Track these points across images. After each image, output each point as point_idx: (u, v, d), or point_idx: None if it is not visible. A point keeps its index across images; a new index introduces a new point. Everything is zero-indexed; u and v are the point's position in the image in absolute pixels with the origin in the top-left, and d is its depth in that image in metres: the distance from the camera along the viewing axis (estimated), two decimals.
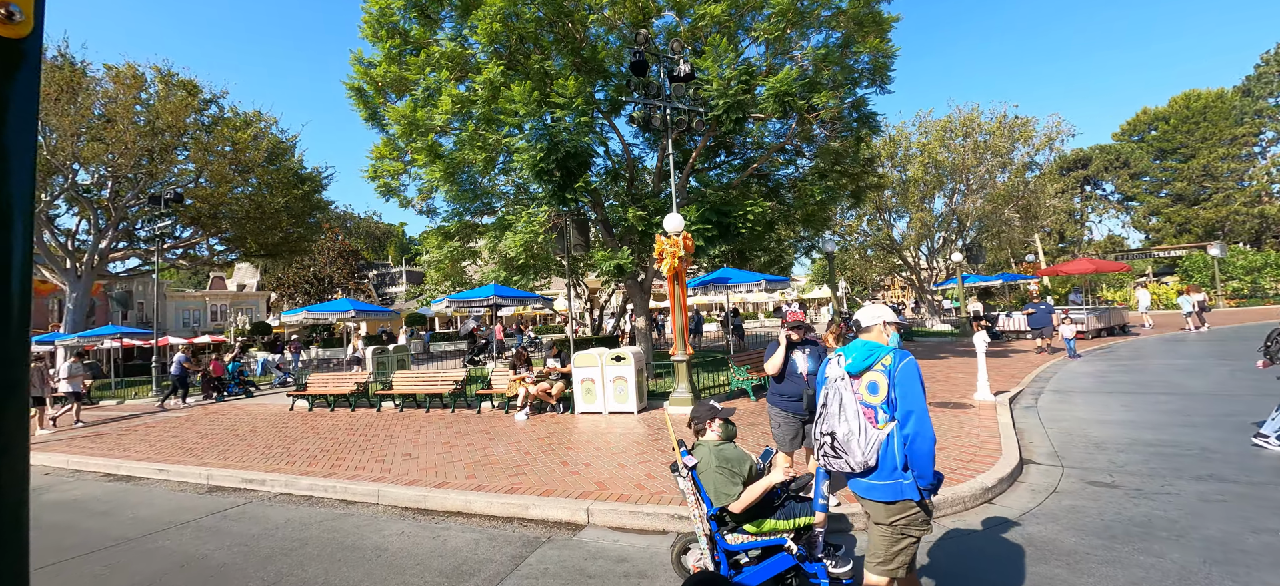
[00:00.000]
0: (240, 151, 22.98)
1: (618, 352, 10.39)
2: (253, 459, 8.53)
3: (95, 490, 7.82)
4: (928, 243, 27.01)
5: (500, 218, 13.41)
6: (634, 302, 14.17)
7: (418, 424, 10.60)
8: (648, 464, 6.82)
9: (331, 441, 9.45)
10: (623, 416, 10.01)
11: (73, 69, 21.03)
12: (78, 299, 22.66)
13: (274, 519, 6.03)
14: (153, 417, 14.00)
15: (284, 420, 12.16)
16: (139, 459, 9.10)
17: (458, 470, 7.07)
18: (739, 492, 3.37)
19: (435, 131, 11.73)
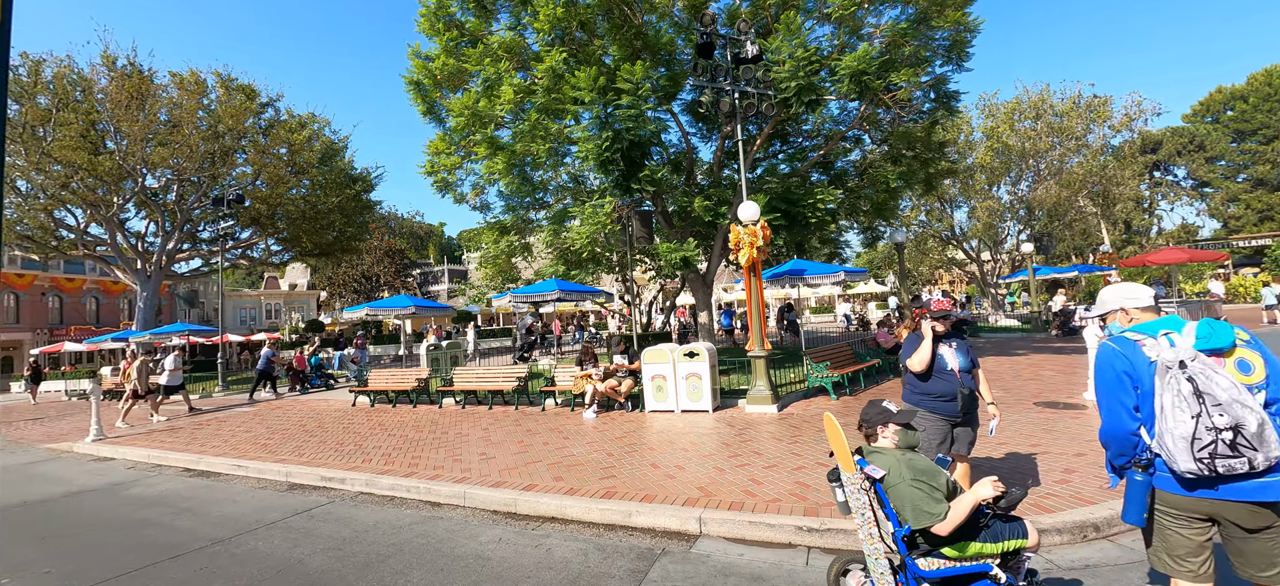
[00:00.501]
0: (295, 153, 23.44)
1: (691, 348, 9.90)
2: (327, 455, 8.39)
3: (178, 485, 7.78)
4: (992, 233, 25.52)
5: (559, 209, 13.08)
6: (695, 297, 13.65)
7: (483, 421, 10.35)
8: (747, 468, 6.30)
9: (402, 439, 9.26)
10: (697, 415, 9.52)
11: (141, 77, 21.78)
12: (148, 298, 23.53)
13: (361, 520, 5.76)
14: (223, 412, 14.24)
15: (349, 416, 12.13)
16: (216, 454, 9.10)
17: (541, 471, 6.70)
18: (945, 511, 2.82)
19: (496, 123, 11.45)
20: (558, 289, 10.90)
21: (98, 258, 24.36)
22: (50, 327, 35.08)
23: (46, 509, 7.00)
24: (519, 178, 12.09)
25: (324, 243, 25.79)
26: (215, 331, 22.97)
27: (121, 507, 6.82)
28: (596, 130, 10.54)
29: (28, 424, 15.88)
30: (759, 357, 9.62)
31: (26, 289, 34.62)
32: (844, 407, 9.39)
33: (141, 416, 14.25)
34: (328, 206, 24.17)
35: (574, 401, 10.89)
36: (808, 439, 7.42)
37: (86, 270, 37.33)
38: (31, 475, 9.19)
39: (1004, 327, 23.17)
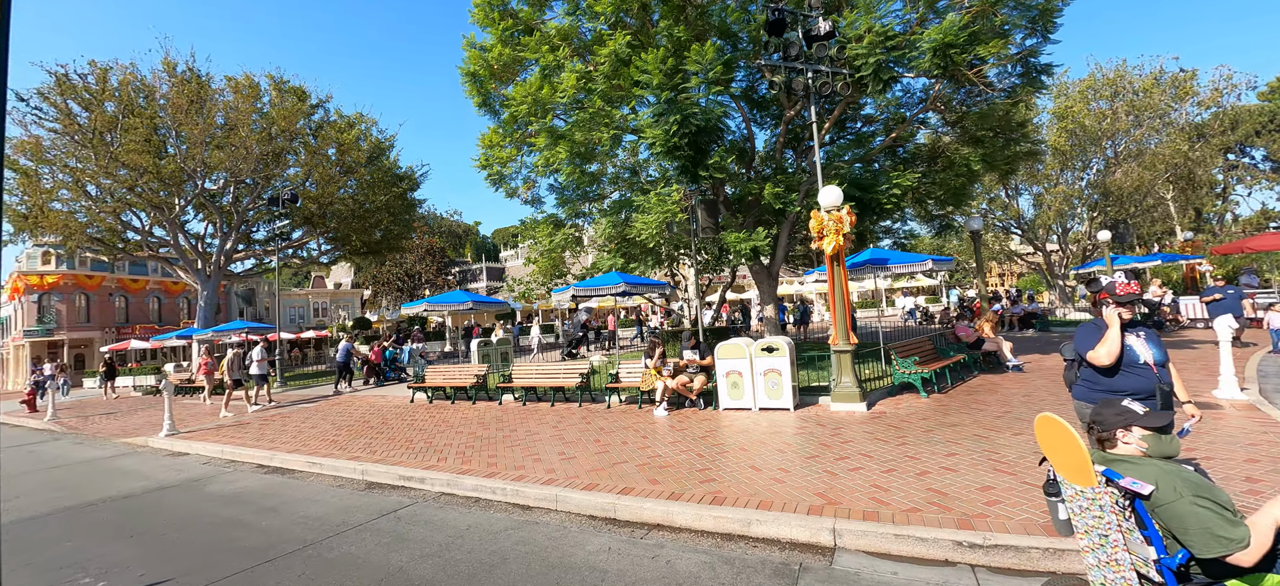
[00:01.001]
0: (344, 152, 23.73)
1: (769, 342, 9.34)
2: (399, 453, 8.16)
3: (254, 483, 7.66)
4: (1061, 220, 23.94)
5: (618, 200, 12.64)
6: (760, 289, 13.06)
7: (549, 419, 10.01)
8: (862, 472, 5.73)
9: (470, 436, 8.98)
10: (778, 413, 8.96)
11: (199, 82, 22.35)
12: (208, 297, 24.20)
13: (451, 523, 5.43)
14: (289, 408, 14.35)
15: (410, 412, 11.99)
16: (288, 450, 9.00)
17: (631, 473, 6.27)
18: (1246, 535, 2.23)
19: (557, 111, 11.10)
20: (623, 282, 10.49)
21: (161, 258, 25.22)
22: (117, 326, 36.72)
23: (131, 505, 6.94)
24: (578, 167, 11.69)
25: (371, 241, 26.11)
26: (271, 328, 23.48)
27: (204, 504, 6.69)
28: (663, 115, 10.06)
29: (102, 418, 16.39)
30: (844, 352, 8.99)
31: (96, 289, 36.32)
32: (938, 407, 8.68)
33: (212, 407, 14.49)
34: (376, 205, 24.42)
35: (642, 399, 10.47)
36: (916, 439, 6.79)
37: (149, 271, 38.96)
38: (111, 469, 9.28)
39: (1078, 321, 21.74)
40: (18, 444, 13.17)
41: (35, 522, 6.42)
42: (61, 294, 34.98)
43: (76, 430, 14.53)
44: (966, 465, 5.68)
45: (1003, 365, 11.94)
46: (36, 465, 10.21)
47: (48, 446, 12.38)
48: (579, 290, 10.77)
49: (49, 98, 20.60)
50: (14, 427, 16.80)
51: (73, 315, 35.39)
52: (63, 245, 22.84)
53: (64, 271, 34.73)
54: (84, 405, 20.88)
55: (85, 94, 20.67)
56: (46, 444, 12.80)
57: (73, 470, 9.47)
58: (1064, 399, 8.45)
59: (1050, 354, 13.54)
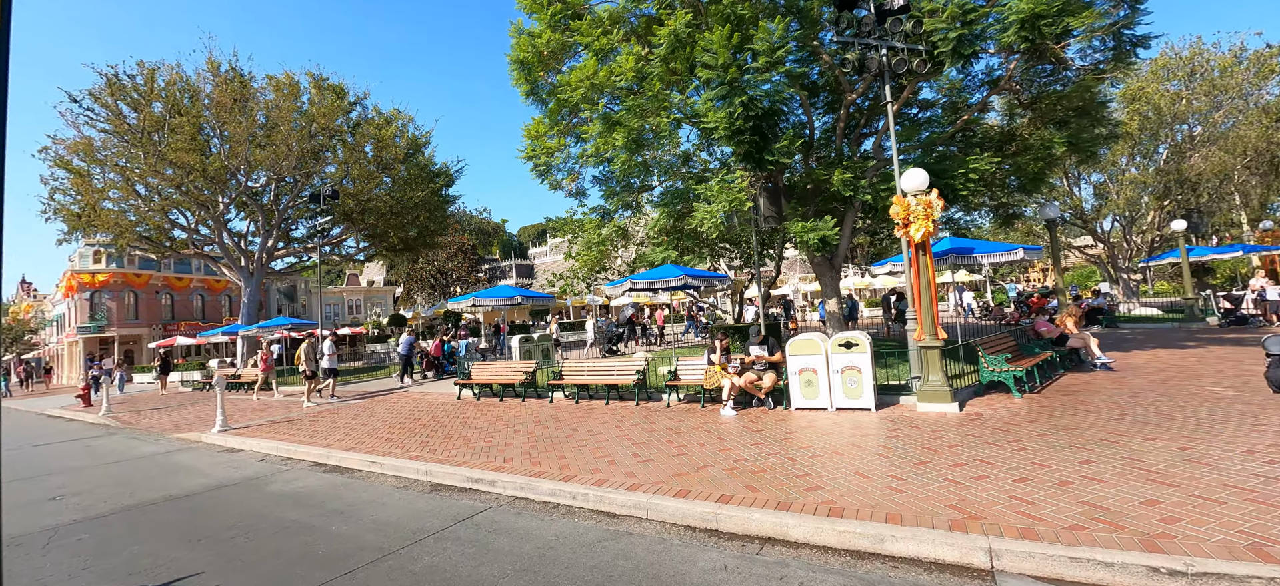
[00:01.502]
0: (382, 148, 23.71)
1: (847, 337, 8.71)
2: (459, 452, 7.79)
3: (314, 482, 7.37)
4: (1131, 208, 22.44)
5: (670, 189, 12.08)
6: (822, 282, 12.39)
7: (608, 417, 9.56)
8: (989, 481, 5.10)
9: (532, 436, 8.57)
10: (857, 413, 8.33)
11: (242, 81, 22.56)
12: (251, 293, 24.50)
13: (537, 533, 4.99)
14: (332, 403, 14.22)
15: (460, 410, 11.67)
16: (344, 448, 8.72)
17: (720, 478, 5.74)
18: None
19: (613, 94, 10.60)
20: (683, 275, 9.95)
21: (206, 257, 25.62)
22: (164, 323, 37.69)
23: (193, 505, 6.69)
24: (632, 153, 11.18)
25: (407, 238, 26.10)
26: (313, 324, 23.64)
27: (268, 506, 6.40)
28: (726, 98, 9.49)
29: (154, 413, 16.56)
30: (933, 348, 8.31)
31: (143, 287, 37.35)
32: (1039, 408, 7.94)
33: (260, 403, 14.45)
34: (413, 201, 24.39)
35: (705, 397, 9.94)
36: (1034, 445, 6.11)
37: (192, 270, 39.91)
38: (169, 466, 9.14)
39: (1146, 317, 20.44)
40: (75, 438, 13.30)
41: (99, 523, 6.21)
42: (112, 292, 36.04)
43: (130, 425, 14.65)
44: (1111, 474, 5.00)
45: (1089, 363, 11.08)
46: (94, 460, 10.18)
47: (103, 441, 12.43)
48: (637, 282, 10.28)
49: (100, 99, 21.00)
50: (70, 421, 17.11)
51: (122, 312, 36.45)
52: (114, 243, 23.33)
53: (114, 270, 35.77)
54: (135, 400, 21.26)
55: (134, 94, 21.01)
56: (102, 438, 12.88)
57: (130, 466, 9.37)
58: (1180, 400, 7.66)
59: (1129, 350, 12.58)
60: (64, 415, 18.60)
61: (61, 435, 14.04)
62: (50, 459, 10.69)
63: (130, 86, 21.01)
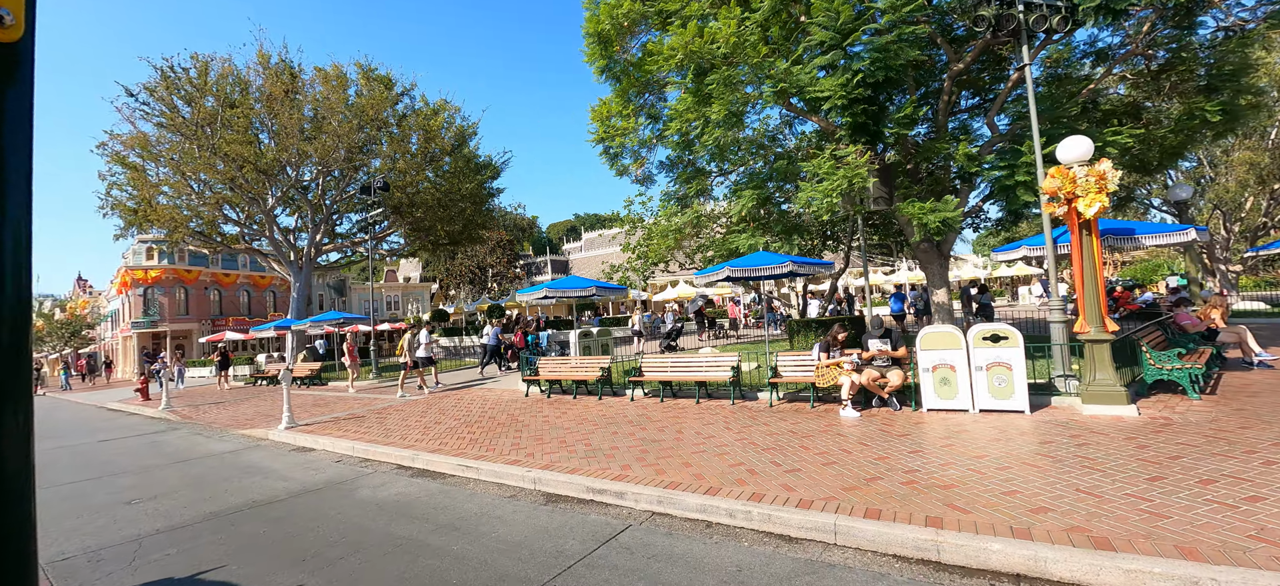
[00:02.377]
0: (430, 140, 23.24)
1: (994, 330, 7.62)
2: (560, 456, 6.97)
3: (407, 488, 6.64)
4: (1243, 191, 20.41)
5: (764, 169, 11.09)
6: (928, 271, 11.26)
7: (709, 417, 8.66)
8: (1267, 502, 4.02)
9: (633, 438, 7.72)
10: (1007, 416, 7.26)
11: (292, 74, 22.32)
12: (300, 288, 24.33)
13: (706, 560, 4.11)
14: (397, 400, 13.65)
15: (535, 407, 10.91)
16: (428, 449, 8.00)
17: (899, 492, 4.79)
18: None
19: (705, 64, 9.65)
20: (789, 262, 8.96)
21: (255, 252, 25.56)
22: (212, 318, 38.23)
23: (281, 513, 6.01)
24: (728, 129, 10.21)
25: (453, 231, 25.62)
26: (365, 319, 23.37)
27: (367, 518, 5.66)
28: (842, 63, 8.47)
29: (212, 408, 16.30)
30: (1100, 341, 7.18)
31: (193, 283, 37.94)
32: (1231, 412, 6.75)
33: (315, 398, 13.98)
34: (461, 192, 23.88)
35: (814, 396, 8.97)
36: (1274, 453, 4.99)
37: (238, 265, 40.43)
38: (241, 466, 8.56)
39: (1252, 312, 18.62)
40: (138, 433, 12.99)
41: (184, 534, 5.55)
42: (163, 287, 36.66)
43: (190, 420, 14.34)
44: None
45: (1245, 361, 9.75)
46: (163, 457, 9.70)
47: (168, 437, 12.05)
48: (735, 270, 9.33)
49: (155, 92, 20.96)
50: (130, 415, 16.99)
51: (173, 308, 37.07)
52: (168, 238, 23.38)
53: (165, 266, 36.37)
54: (192, 394, 21.23)
55: (188, 87, 20.92)
56: (166, 434, 12.52)
57: (201, 465, 8.83)
58: None
59: (1267, 346, 11.11)
60: (124, 409, 18.56)
61: (124, 429, 13.79)
62: (116, 455, 10.29)
63: (184, 80, 20.92)
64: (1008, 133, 10.43)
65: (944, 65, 11.20)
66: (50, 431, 14.34)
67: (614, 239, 19.80)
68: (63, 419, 17.39)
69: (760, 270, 9.25)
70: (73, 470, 9.08)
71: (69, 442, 12.14)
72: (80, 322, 45.00)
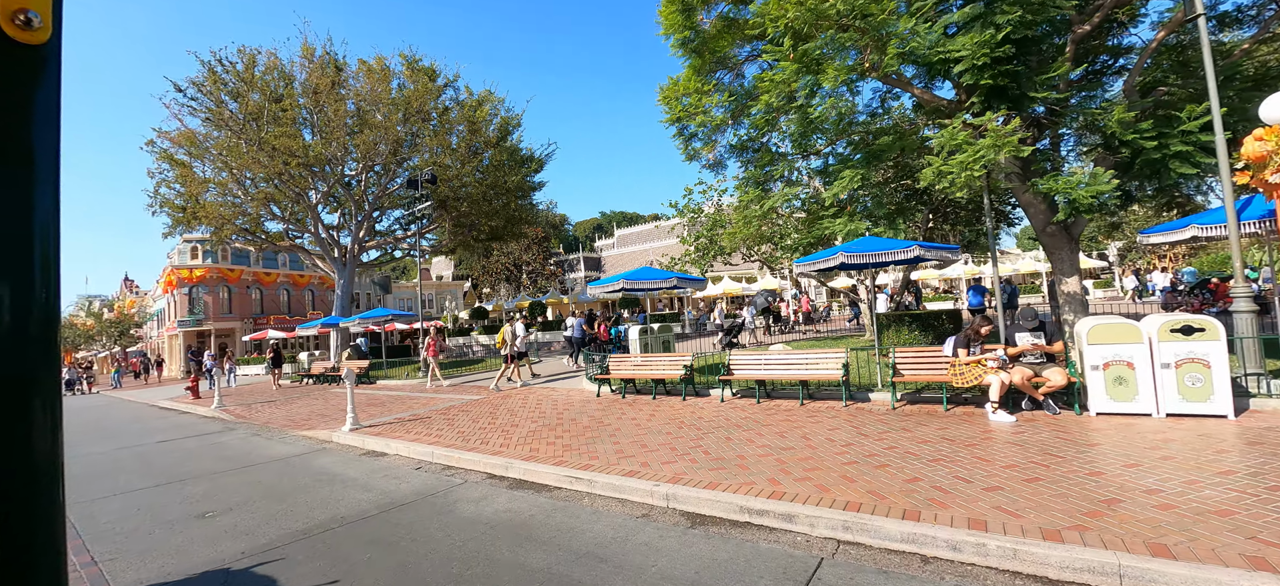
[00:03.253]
0: (475, 132, 22.62)
1: (1186, 320, 6.47)
2: (676, 464, 6.06)
3: (511, 502, 5.81)
4: None
5: (872, 143, 9.98)
6: (1056, 258, 10.04)
7: (827, 421, 7.67)
8: None
9: (759, 445, 6.76)
10: (1205, 421, 6.12)
11: (337, 67, 21.93)
12: (344, 285, 23.99)
13: None
14: (463, 399, 12.95)
15: (614, 408, 10.04)
16: (520, 456, 7.17)
17: (1155, 519, 3.73)
18: None
19: (814, 26, 8.61)
20: (916, 247, 7.90)
21: (302, 248, 25.30)
22: (253, 317, 38.53)
23: (375, 531, 5.22)
24: (837, 102, 9.17)
25: (496, 226, 24.99)
26: (414, 316, 22.92)
27: (482, 540, 4.83)
28: (980, 18, 7.36)
29: (264, 407, 15.88)
30: None
31: (236, 282, 38.29)
32: None
33: (367, 397, 13.38)
34: (507, 185, 23.23)
35: (947, 397, 7.90)
36: None
37: (278, 265, 40.67)
38: (314, 472, 7.87)
39: None
40: (196, 433, 12.53)
41: (277, 558, 4.79)
42: (207, 286, 37.05)
43: (244, 419, 13.88)
44: None
45: None
46: (227, 461, 9.10)
47: (226, 438, 11.53)
48: (850, 254, 8.31)
49: (202, 88, 20.75)
50: (182, 414, 16.69)
51: (217, 306, 37.43)
52: (215, 236, 23.21)
53: (209, 265, 36.73)
54: (242, 393, 21.00)
55: (235, 81, 20.66)
56: (223, 435, 12.02)
57: (268, 471, 8.18)
58: None
59: None
60: (175, 407, 18.34)
61: (180, 429, 13.37)
62: (179, 459, 9.74)
63: (232, 73, 20.66)
64: (1152, 98, 9.15)
65: (1066, 24, 9.96)
66: (110, 431, 14.04)
67: (673, 230, 18.84)
68: (119, 418, 17.20)
69: (881, 255, 8.21)
70: (141, 475, 8.52)
71: (130, 444, 11.71)
72: (129, 322, 45.93)
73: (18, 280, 0.79)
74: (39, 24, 0.81)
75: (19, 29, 0.79)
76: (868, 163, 9.78)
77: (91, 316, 47.49)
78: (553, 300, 32.49)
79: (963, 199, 8.43)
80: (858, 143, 10.31)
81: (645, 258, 45.82)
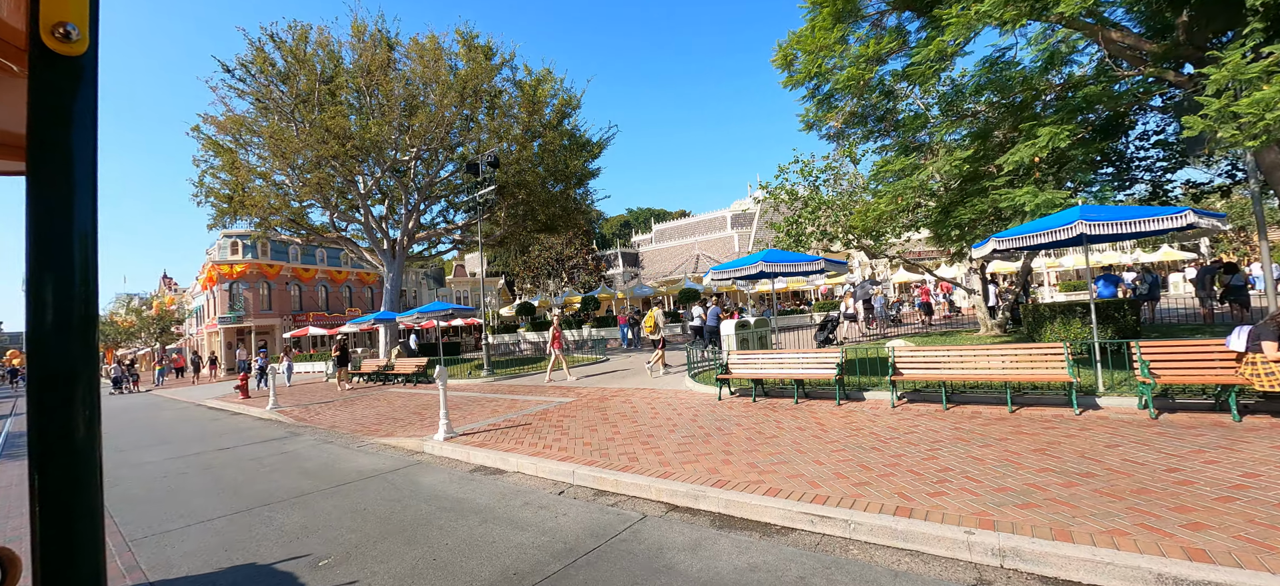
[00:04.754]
0: (534, 113, 21.11)
1: None
2: (958, 499, 4.35)
3: (744, 553, 4.18)
4: None
5: (1085, 95, 8.10)
6: None
7: (1077, 434, 5.89)
8: None
9: (1030, 469, 5.01)
10: None
11: (388, 44, 20.66)
12: (393, 279, 22.74)
13: None
14: (555, 401, 11.40)
15: (760, 414, 8.34)
16: (706, 482, 5.51)
17: None
18: None
19: None
20: (1191, 212, 6.08)
21: (348, 241, 24.09)
22: (293, 314, 37.78)
23: None
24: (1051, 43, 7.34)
25: (552, 215, 23.47)
26: (473, 311, 21.57)
27: None
28: None
29: (322, 409, 14.56)
30: None
31: (275, 278, 37.54)
32: None
33: (427, 397, 11.89)
34: (567, 171, 21.71)
35: (1215, 401, 6.05)
36: None
37: (317, 260, 39.89)
38: (423, 496, 6.34)
39: None
40: (258, 438, 11.18)
41: None
42: (247, 282, 36.35)
43: (305, 422, 12.54)
44: None
45: None
46: (310, 478, 7.64)
47: (295, 446, 10.13)
48: (1099, 223, 6.49)
49: (249, 68, 19.61)
50: (234, 415, 15.48)
51: (257, 303, 36.73)
52: (259, 227, 22.10)
53: (250, 261, 36.03)
54: (294, 392, 19.83)
55: (287, 57, 19.48)
56: (289, 442, 10.63)
57: (367, 492, 6.67)
58: None
59: None
60: (225, 407, 17.17)
61: (238, 434, 12.05)
62: (251, 473, 8.32)
63: (282, 50, 19.47)
64: None
65: None
66: (163, 434, 12.81)
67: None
68: (169, 419, 16.06)
69: (1139, 224, 6.39)
70: (213, 494, 7.08)
71: (188, 450, 10.37)
72: (170, 318, 45.71)
73: (59, 280, 0.84)
74: (77, 36, 0.86)
75: (58, 42, 0.84)
76: (1070, 117, 7.92)
77: (132, 313, 47.42)
78: (605, 295, 30.95)
79: (1255, 148, 6.51)
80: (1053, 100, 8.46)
81: (688, 252, 44.11)
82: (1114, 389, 7.51)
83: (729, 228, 45.45)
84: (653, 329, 15.11)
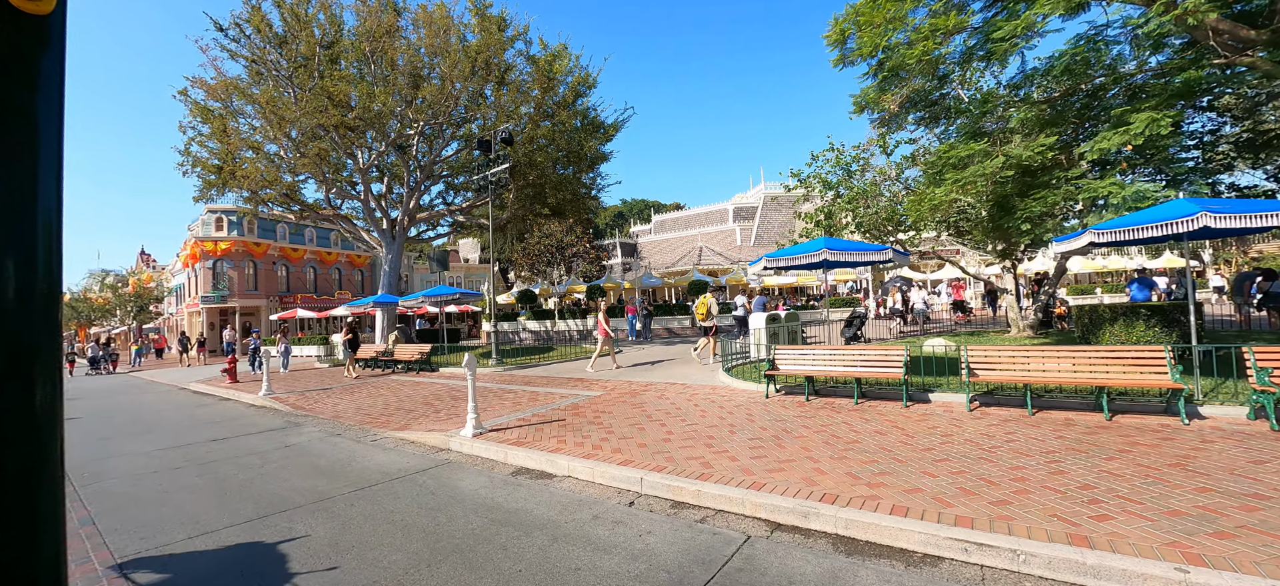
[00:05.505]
0: (548, 90, 20.11)
1: None
2: (1118, 521, 3.67)
3: (793, 562, 3.44)
4: None
5: (1188, 78, 7.43)
6: None
7: (1200, 447, 5.27)
8: None
9: (1189, 489, 4.35)
10: None
11: (394, 10, 19.50)
12: (392, 260, 21.68)
13: None
14: (583, 395, 10.59)
15: (820, 416, 7.63)
16: (808, 496, 4.78)
17: None
18: None
19: None
20: None
21: (344, 218, 22.90)
22: (280, 295, 36.33)
23: None
24: None
25: (562, 199, 22.52)
26: (478, 296, 20.59)
27: None
28: None
29: (319, 395, 13.61)
30: None
31: (262, 257, 36.01)
32: None
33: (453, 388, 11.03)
34: (582, 152, 20.76)
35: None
36: None
37: (305, 240, 38.42)
38: (468, 507, 5.53)
39: None
40: (255, 428, 10.22)
41: None
42: (232, 261, 34.81)
43: (304, 411, 11.61)
44: None
45: None
46: (326, 478, 6.76)
47: (299, 438, 9.21)
48: (1217, 214, 5.88)
49: (244, 28, 18.35)
50: (224, 401, 14.43)
51: (242, 282, 35.22)
52: (250, 202, 20.82)
53: (235, 238, 34.48)
54: (288, 378, 18.76)
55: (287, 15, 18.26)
56: (291, 432, 9.71)
57: (396, 496, 5.83)
58: None
59: None
60: (213, 392, 16.07)
61: (232, 422, 11.05)
62: (256, 471, 7.41)
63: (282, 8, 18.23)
64: None
65: None
66: (148, 422, 11.73)
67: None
68: (154, 405, 14.92)
69: (1266, 219, 5.77)
70: (215, 499, 6.17)
71: (180, 442, 9.38)
72: (148, 296, 43.87)
73: (20, 249, 0.78)
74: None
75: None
76: (1169, 103, 7.28)
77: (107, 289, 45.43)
78: (611, 284, 30.08)
79: None
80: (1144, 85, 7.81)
81: (690, 244, 43.41)
82: (1212, 396, 6.94)
83: (731, 220, 44.92)
84: (706, 315, 14.84)
